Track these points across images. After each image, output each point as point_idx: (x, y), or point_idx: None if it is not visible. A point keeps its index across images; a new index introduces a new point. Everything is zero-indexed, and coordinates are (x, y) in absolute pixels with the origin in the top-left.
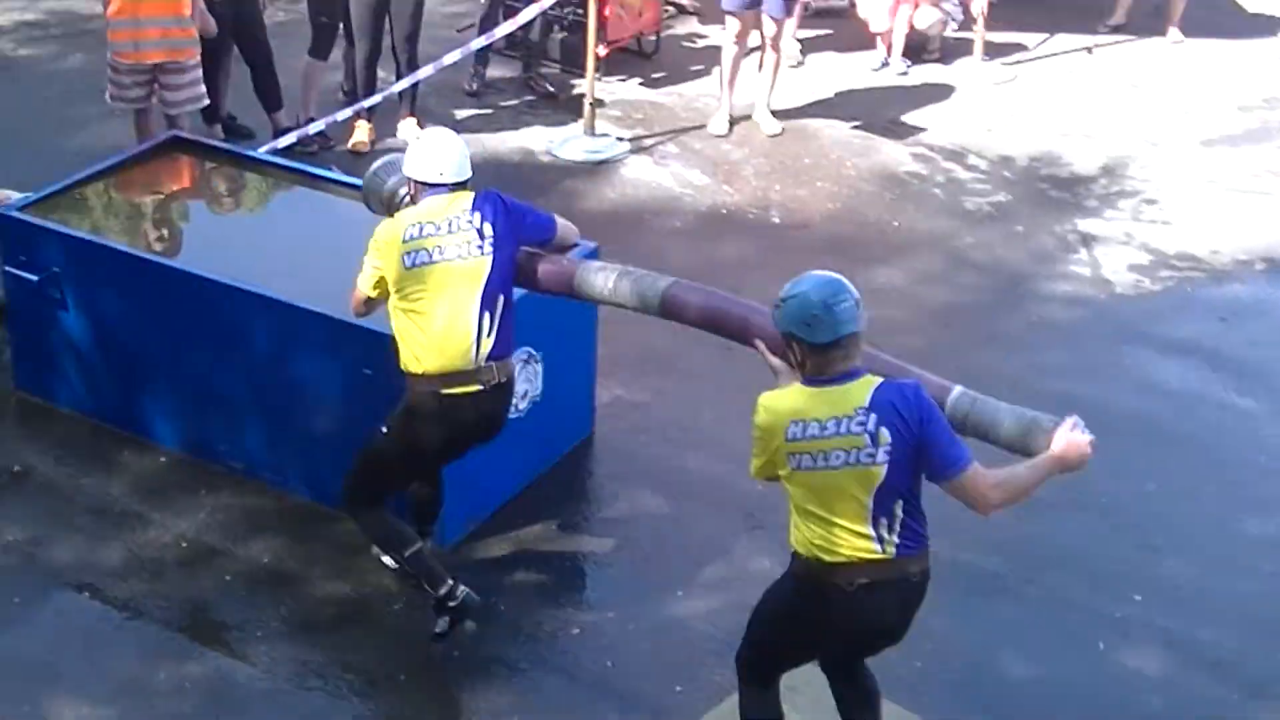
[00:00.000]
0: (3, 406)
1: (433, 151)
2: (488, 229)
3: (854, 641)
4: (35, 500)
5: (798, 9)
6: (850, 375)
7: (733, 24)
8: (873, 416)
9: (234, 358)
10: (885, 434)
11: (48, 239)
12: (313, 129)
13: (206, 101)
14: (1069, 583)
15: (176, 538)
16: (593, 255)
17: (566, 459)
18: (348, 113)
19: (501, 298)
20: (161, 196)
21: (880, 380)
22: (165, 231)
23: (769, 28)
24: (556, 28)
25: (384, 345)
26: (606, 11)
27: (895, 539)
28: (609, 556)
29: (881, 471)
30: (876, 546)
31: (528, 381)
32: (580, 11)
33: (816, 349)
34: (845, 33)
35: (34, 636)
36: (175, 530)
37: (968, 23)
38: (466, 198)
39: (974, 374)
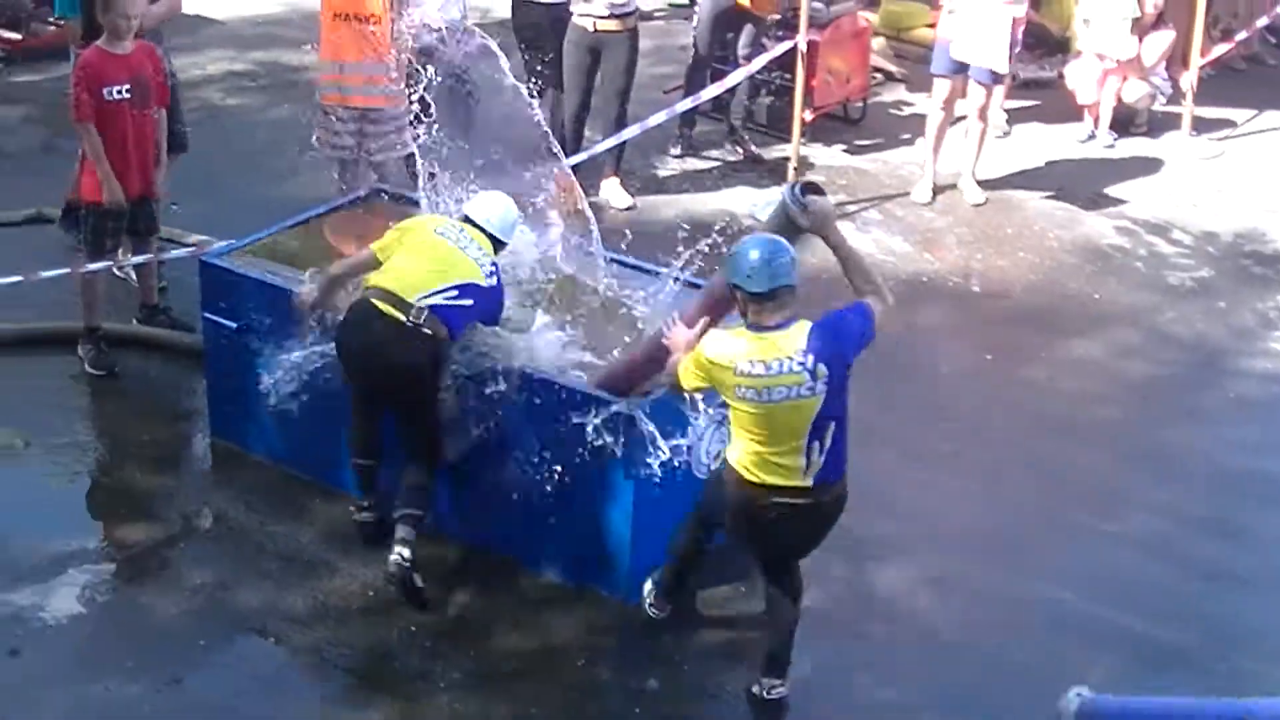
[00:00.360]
0: (196, 452)
1: (493, 204)
2: (488, 266)
3: (768, 546)
4: (224, 545)
5: (1006, 79)
6: (786, 323)
7: (940, 87)
8: (810, 356)
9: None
10: (822, 369)
11: (248, 287)
12: None
13: (410, 150)
14: (1262, 661)
15: (363, 586)
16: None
17: None
18: (570, 162)
19: (471, 301)
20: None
21: (811, 324)
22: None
23: (977, 95)
24: (763, 91)
25: (576, 403)
26: (814, 78)
27: (821, 462)
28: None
29: (819, 402)
30: (801, 472)
31: (720, 442)
32: (788, 76)
33: (755, 297)
34: (1053, 104)
35: (218, 680)
36: (362, 579)
37: (1176, 97)
38: (488, 245)
39: (1168, 448)
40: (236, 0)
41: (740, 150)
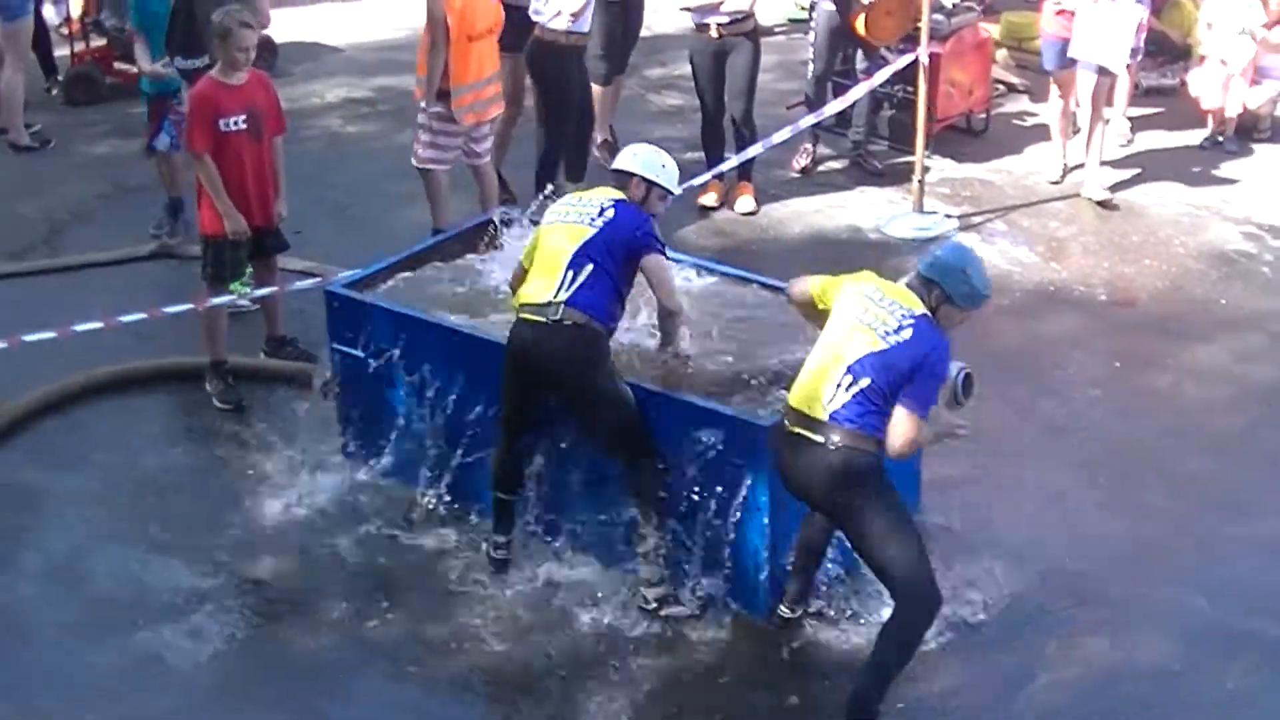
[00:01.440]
0: (330, 482)
1: (633, 150)
2: (610, 213)
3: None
4: (358, 575)
5: (1129, 84)
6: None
7: (1056, 83)
8: (899, 309)
9: (559, 435)
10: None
11: (374, 316)
12: None
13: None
14: None
15: (504, 614)
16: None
17: None
18: (706, 176)
19: (592, 265)
20: (485, 274)
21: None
22: (489, 308)
23: (1087, 83)
24: (886, 105)
25: (721, 425)
26: (936, 90)
27: (849, 407)
28: (931, 634)
29: (884, 345)
30: (825, 402)
31: None
32: (910, 89)
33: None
34: (1176, 110)
35: (360, 710)
36: (500, 605)
37: None
38: (612, 193)
39: None
40: (355, 27)
41: (864, 165)
